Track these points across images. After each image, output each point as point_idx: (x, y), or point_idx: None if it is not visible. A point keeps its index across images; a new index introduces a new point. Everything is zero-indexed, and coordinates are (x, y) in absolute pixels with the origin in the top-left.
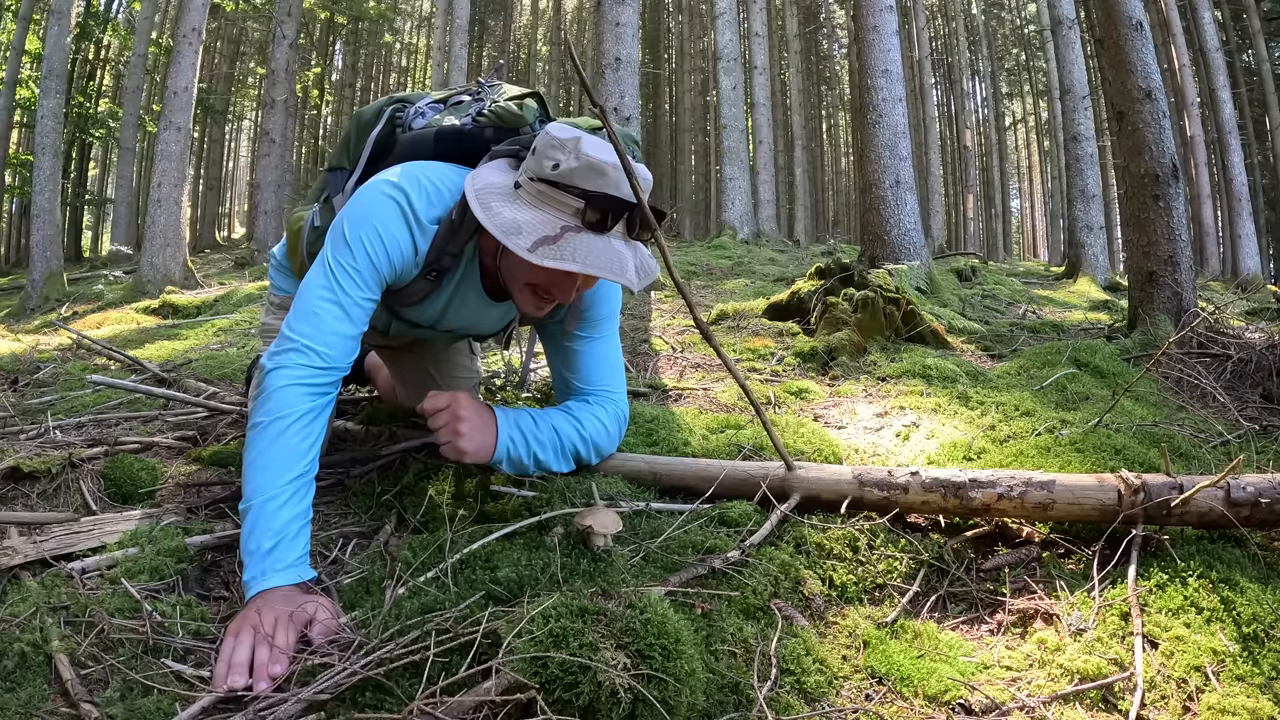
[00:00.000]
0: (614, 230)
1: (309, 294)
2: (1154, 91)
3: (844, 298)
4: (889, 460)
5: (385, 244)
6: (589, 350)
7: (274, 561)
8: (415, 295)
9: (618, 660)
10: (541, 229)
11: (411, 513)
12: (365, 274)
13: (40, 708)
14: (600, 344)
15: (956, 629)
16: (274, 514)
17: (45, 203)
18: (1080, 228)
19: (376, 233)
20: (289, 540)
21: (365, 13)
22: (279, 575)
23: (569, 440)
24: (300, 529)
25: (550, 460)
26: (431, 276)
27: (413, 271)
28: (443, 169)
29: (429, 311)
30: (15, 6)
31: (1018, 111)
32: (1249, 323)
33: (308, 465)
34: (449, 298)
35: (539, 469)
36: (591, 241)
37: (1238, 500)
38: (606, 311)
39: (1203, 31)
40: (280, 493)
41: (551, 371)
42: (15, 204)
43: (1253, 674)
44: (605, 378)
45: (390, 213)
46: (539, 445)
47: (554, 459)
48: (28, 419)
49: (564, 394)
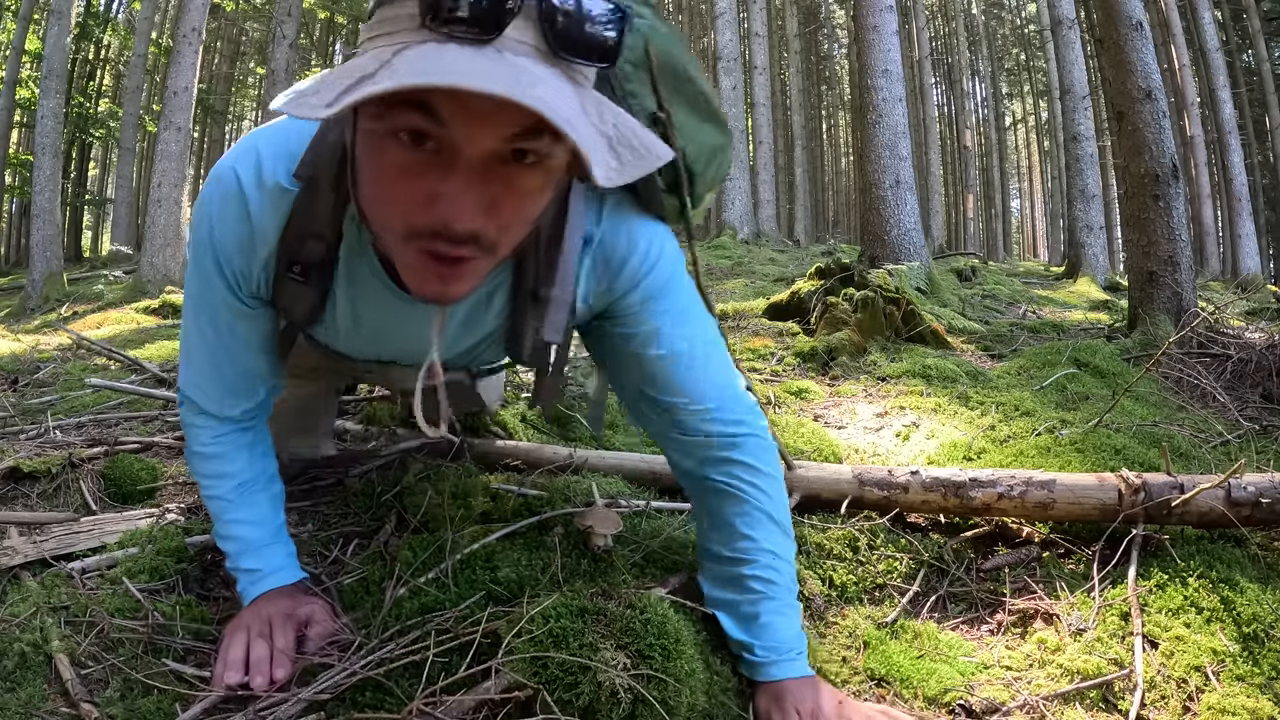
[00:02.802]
0: (507, 37)
1: (183, 326)
2: (1154, 91)
3: (844, 298)
4: (889, 460)
5: (213, 239)
6: (654, 348)
7: (255, 573)
8: (302, 309)
9: (618, 660)
10: (355, 73)
11: (411, 513)
12: (210, 293)
13: (40, 708)
14: (681, 331)
15: (956, 629)
16: (232, 526)
17: (45, 203)
18: (1080, 228)
19: (203, 230)
20: (263, 546)
21: (365, 13)
22: (268, 579)
23: (788, 571)
24: (269, 535)
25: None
26: (297, 274)
27: (266, 271)
28: (302, 124)
29: (339, 333)
30: (15, 6)
31: (1018, 111)
32: (1249, 323)
33: (250, 474)
34: (353, 307)
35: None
36: (442, 52)
37: (1238, 500)
38: (664, 296)
39: (1203, 31)
40: (232, 507)
41: (629, 412)
42: (15, 204)
43: (1253, 674)
44: (711, 391)
45: (211, 196)
46: (792, 606)
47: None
48: (28, 419)
49: (670, 449)
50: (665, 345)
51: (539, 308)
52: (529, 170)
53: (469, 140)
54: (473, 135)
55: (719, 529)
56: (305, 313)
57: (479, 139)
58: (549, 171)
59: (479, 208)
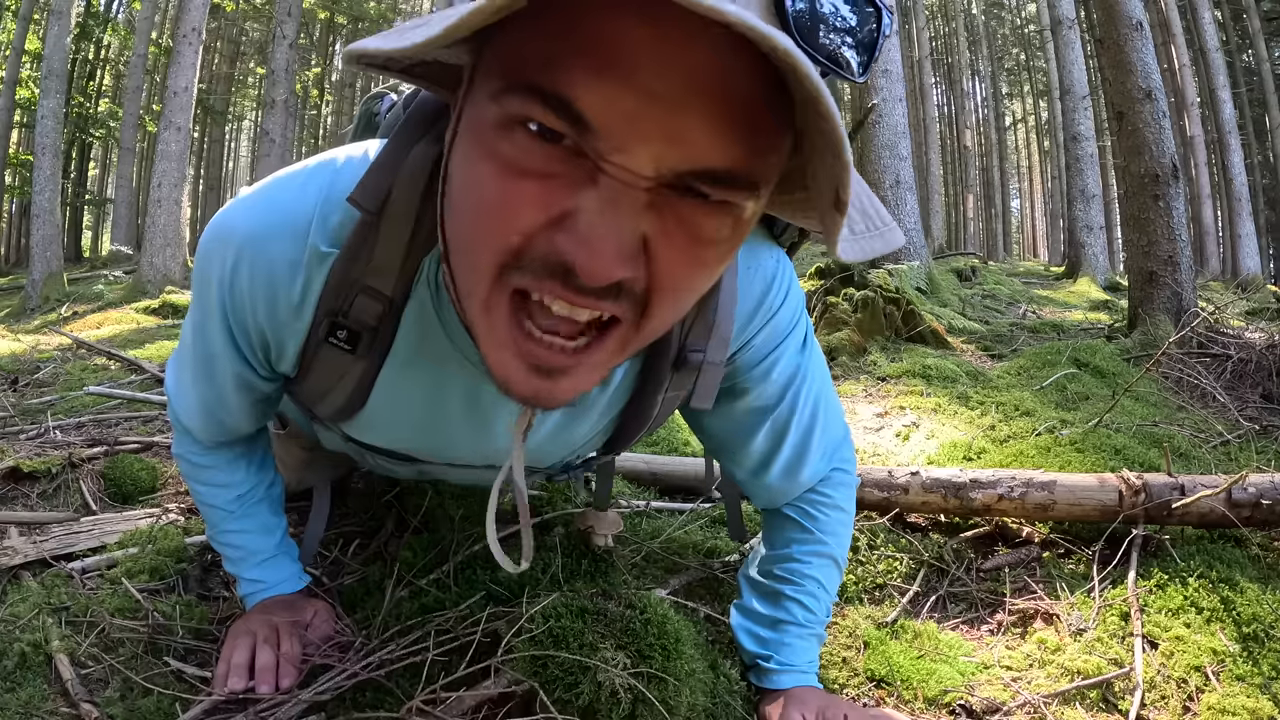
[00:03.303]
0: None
1: (182, 330)
2: (1154, 91)
3: (844, 298)
4: (889, 460)
5: (231, 267)
6: (779, 427)
7: (259, 583)
8: (324, 388)
9: (618, 660)
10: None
11: (411, 513)
12: (209, 339)
13: (40, 708)
14: (799, 406)
15: (956, 629)
16: (232, 535)
17: (45, 203)
18: (1080, 228)
19: (216, 263)
20: (267, 559)
21: (365, 13)
22: (273, 590)
23: (826, 602)
24: (273, 546)
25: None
26: (342, 341)
27: (294, 332)
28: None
29: (375, 420)
30: (15, 6)
31: (1018, 111)
32: (1249, 323)
33: (250, 485)
34: (405, 390)
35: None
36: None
37: (1239, 500)
38: (790, 335)
39: (1203, 31)
40: (232, 518)
41: (724, 469)
42: (15, 204)
43: (1253, 674)
44: (816, 461)
45: (242, 216)
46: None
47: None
48: (28, 419)
49: (757, 495)
50: (791, 410)
51: (682, 376)
52: (713, 211)
53: (620, 144)
54: (631, 143)
55: (776, 547)
56: (329, 387)
57: (643, 147)
58: (740, 224)
59: (630, 245)
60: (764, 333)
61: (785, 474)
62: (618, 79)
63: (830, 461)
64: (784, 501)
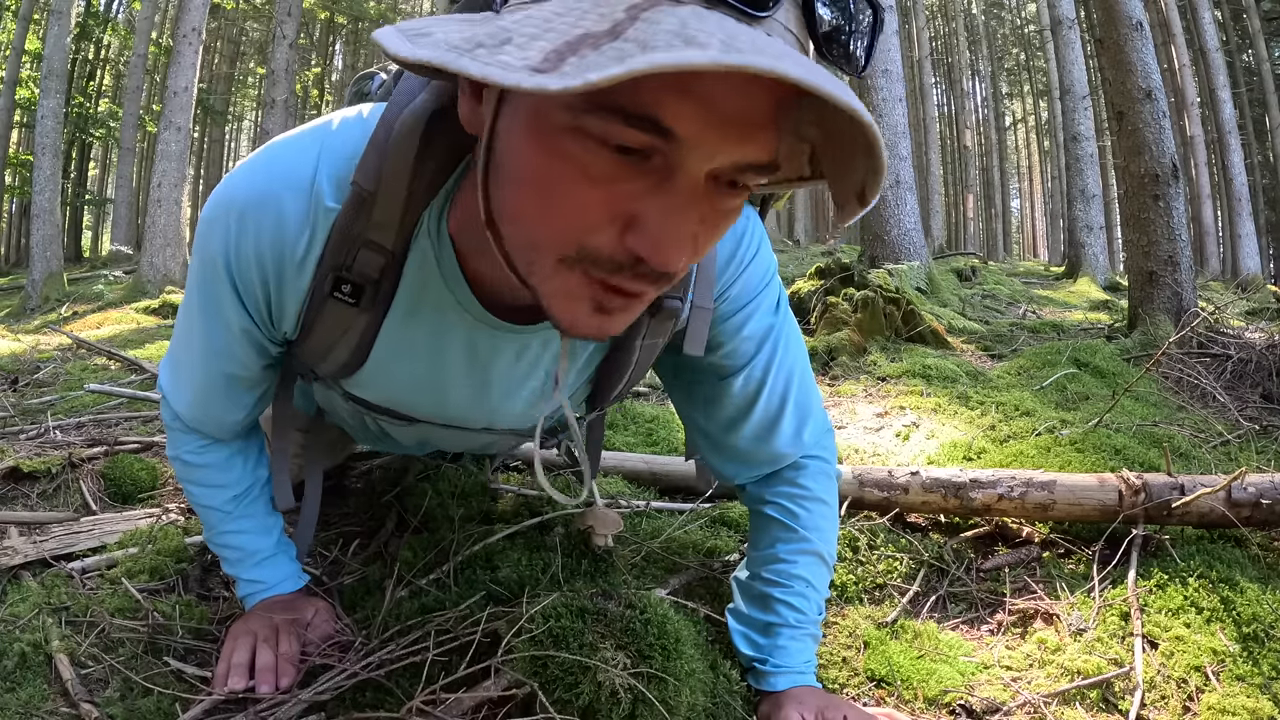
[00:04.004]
0: (774, 19)
1: (176, 326)
2: (1154, 91)
3: (844, 298)
4: (889, 460)
5: (235, 232)
6: (753, 387)
7: (258, 583)
8: (345, 348)
9: (618, 660)
10: (570, 26)
11: (411, 513)
12: (214, 302)
13: (40, 708)
14: (774, 368)
15: (956, 629)
16: (230, 536)
17: (45, 203)
18: (1080, 228)
19: (219, 230)
20: (265, 559)
21: (365, 13)
22: (272, 590)
23: (817, 600)
24: (271, 545)
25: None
26: (346, 295)
27: (296, 290)
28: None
29: (374, 377)
30: (15, 6)
31: (1018, 111)
32: (1249, 323)
33: (247, 484)
34: (408, 343)
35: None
36: (712, 19)
37: (1239, 500)
38: (762, 294)
39: (1203, 31)
40: (229, 519)
41: (689, 432)
42: (15, 204)
43: (1253, 674)
44: (789, 433)
45: (243, 181)
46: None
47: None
48: (28, 419)
49: (724, 463)
50: (765, 371)
51: (658, 323)
52: (741, 192)
53: (709, 152)
54: (715, 149)
55: (761, 548)
56: (348, 353)
57: (722, 151)
58: (741, 198)
59: (690, 241)
60: (738, 284)
61: (756, 437)
62: (699, 95)
63: (805, 441)
64: (755, 474)
